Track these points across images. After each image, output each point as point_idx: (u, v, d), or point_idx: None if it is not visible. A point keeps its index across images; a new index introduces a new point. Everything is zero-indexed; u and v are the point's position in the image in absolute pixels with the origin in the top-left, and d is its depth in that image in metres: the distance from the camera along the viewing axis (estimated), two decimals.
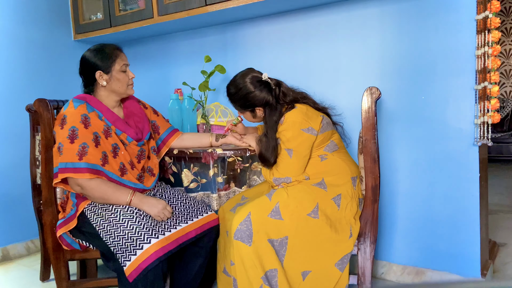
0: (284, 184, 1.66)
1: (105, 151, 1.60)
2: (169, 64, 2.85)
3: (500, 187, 4.00)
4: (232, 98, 1.74)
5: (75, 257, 1.71)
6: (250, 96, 1.68)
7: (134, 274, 1.42)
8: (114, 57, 1.65)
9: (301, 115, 1.63)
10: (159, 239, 1.49)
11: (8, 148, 2.62)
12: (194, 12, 2.32)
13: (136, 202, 1.58)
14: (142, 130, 1.75)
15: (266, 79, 1.70)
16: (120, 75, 1.66)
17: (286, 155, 1.62)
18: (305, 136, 1.61)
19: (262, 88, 1.68)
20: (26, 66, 2.72)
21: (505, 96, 5.71)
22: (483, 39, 1.77)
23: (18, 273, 2.41)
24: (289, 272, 1.57)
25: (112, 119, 1.65)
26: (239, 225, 1.55)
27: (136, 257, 1.44)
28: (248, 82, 1.68)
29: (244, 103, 1.71)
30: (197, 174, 1.91)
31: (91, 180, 1.54)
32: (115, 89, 1.67)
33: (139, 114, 1.78)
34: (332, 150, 1.70)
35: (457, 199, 1.91)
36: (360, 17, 2.10)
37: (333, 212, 1.61)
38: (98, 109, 1.64)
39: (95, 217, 1.57)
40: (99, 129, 1.61)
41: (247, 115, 1.77)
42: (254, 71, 1.74)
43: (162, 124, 1.91)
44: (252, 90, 1.68)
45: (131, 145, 1.69)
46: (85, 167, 1.53)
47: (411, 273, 2.05)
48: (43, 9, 2.81)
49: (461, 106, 1.87)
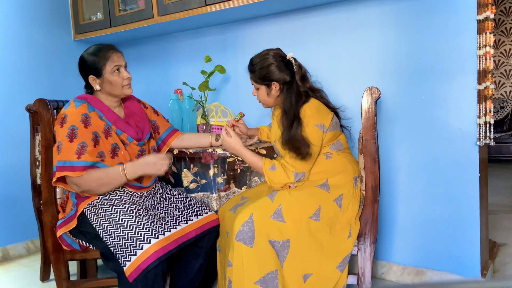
0: (296, 183, 1.64)
1: (103, 151, 1.60)
2: (169, 64, 2.85)
3: (500, 187, 3.99)
4: (252, 68, 1.73)
5: (75, 257, 1.70)
6: (270, 68, 1.68)
7: (134, 274, 1.42)
8: (105, 60, 1.61)
9: (314, 110, 1.63)
10: (159, 239, 1.48)
11: (8, 148, 2.62)
12: (194, 12, 2.32)
13: (130, 172, 1.56)
14: (143, 130, 1.74)
15: (290, 59, 1.71)
16: (112, 77, 1.62)
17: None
18: (318, 131, 1.62)
19: (283, 65, 1.69)
20: (26, 66, 2.71)
21: (505, 96, 5.71)
22: (484, 40, 1.77)
23: (18, 273, 2.41)
24: (290, 275, 1.56)
25: (112, 119, 1.65)
26: (241, 227, 1.54)
27: (136, 257, 1.44)
28: (271, 55, 1.70)
29: (263, 74, 1.70)
30: (196, 175, 1.91)
31: (84, 175, 1.53)
32: (110, 91, 1.66)
33: (139, 114, 1.78)
34: (338, 149, 1.70)
35: (457, 199, 1.91)
36: (360, 17, 2.10)
37: (335, 213, 1.61)
38: (99, 109, 1.64)
39: (95, 217, 1.57)
40: (99, 128, 1.60)
41: (261, 91, 1.74)
42: (281, 50, 1.75)
43: (162, 124, 1.91)
44: (273, 62, 1.68)
45: (131, 145, 1.68)
46: (83, 165, 1.52)
47: (411, 273, 2.05)
48: (43, 9, 2.81)
49: (462, 106, 1.86)
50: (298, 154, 1.59)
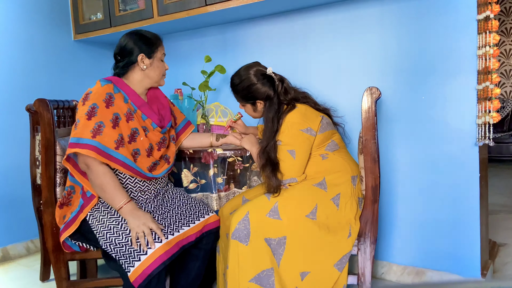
0: (289, 184, 1.65)
1: (122, 133, 1.56)
2: (169, 64, 2.83)
3: (500, 187, 4.00)
4: (234, 88, 1.75)
5: (75, 257, 1.71)
6: (252, 88, 1.69)
7: (139, 280, 1.41)
8: (158, 45, 1.68)
9: (299, 116, 1.63)
10: (162, 243, 1.48)
11: (8, 148, 2.62)
12: (194, 12, 2.32)
13: (125, 210, 1.51)
14: (164, 118, 1.74)
15: (270, 74, 1.72)
16: (159, 63, 1.69)
17: (289, 157, 1.62)
18: (304, 136, 1.62)
19: (265, 82, 1.70)
20: (26, 66, 2.71)
21: (505, 96, 5.71)
22: (484, 40, 1.77)
23: (18, 273, 2.41)
24: (287, 272, 1.56)
25: (138, 103, 1.64)
26: (237, 225, 1.55)
27: (140, 262, 1.42)
28: (252, 74, 1.70)
29: (246, 94, 1.72)
30: (196, 175, 1.91)
31: (100, 165, 1.50)
32: (152, 75, 1.67)
33: (162, 101, 1.77)
34: (333, 149, 1.70)
35: (457, 199, 1.91)
36: (360, 17, 2.10)
37: (332, 212, 1.61)
38: (125, 91, 1.63)
39: (97, 224, 1.55)
40: (121, 110, 1.58)
41: (248, 108, 1.78)
42: (260, 65, 1.75)
43: (178, 115, 1.92)
44: (254, 82, 1.69)
45: (155, 132, 1.66)
46: (95, 145, 1.48)
47: (411, 273, 2.05)
48: (43, 9, 2.81)
49: (462, 106, 1.86)
50: (269, 180, 1.61)
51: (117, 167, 1.54)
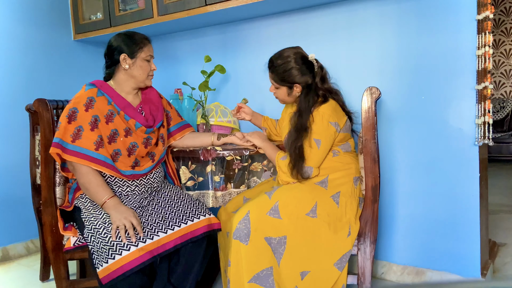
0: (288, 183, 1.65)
1: (101, 135, 1.63)
2: (169, 64, 2.85)
3: (500, 187, 3.99)
4: (274, 69, 1.71)
5: (74, 257, 1.71)
6: (293, 71, 1.67)
7: (106, 280, 1.43)
8: (142, 45, 1.69)
9: (331, 109, 1.64)
10: (138, 247, 1.48)
11: (8, 148, 2.62)
12: (194, 12, 2.32)
13: (109, 205, 1.56)
14: (155, 118, 1.77)
15: (312, 60, 1.71)
16: (143, 63, 1.70)
17: (315, 145, 1.62)
18: (332, 129, 1.63)
19: (306, 67, 1.68)
20: (26, 66, 2.71)
21: (505, 96, 5.71)
22: (484, 40, 1.77)
23: (18, 273, 2.41)
24: (287, 272, 1.56)
25: (122, 105, 1.69)
26: (238, 224, 1.55)
27: (110, 263, 1.44)
28: (296, 57, 1.68)
29: (285, 77, 1.69)
30: (194, 172, 1.92)
31: (83, 166, 1.59)
32: (135, 75, 1.70)
33: (155, 102, 1.82)
34: (345, 150, 1.73)
35: (457, 199, 1.91)
36: (360, 17, 2.10)
37: (332, 210, 1.61)
38: (109, 94, 1.68)
39: (84, 211, 1.62)
40: (101, 113, 1.64)
41: (282, 91, 1.74)
42: (302, 50, 1.74)
43: (174, 117, 1.94)
44: (296, 65, 1.67)
45: (138, 132, 1.71)
46: (75, 150, 1.58)
47: (411, 273, 2.05)
48: (43, 9, 2.81)
49: (462, 106, 1.86)
50: (295, 161, 1.61)
51: (97, 167, 1.60)
